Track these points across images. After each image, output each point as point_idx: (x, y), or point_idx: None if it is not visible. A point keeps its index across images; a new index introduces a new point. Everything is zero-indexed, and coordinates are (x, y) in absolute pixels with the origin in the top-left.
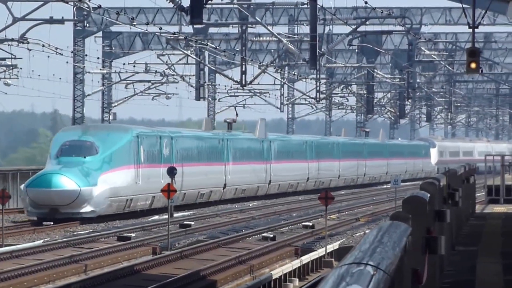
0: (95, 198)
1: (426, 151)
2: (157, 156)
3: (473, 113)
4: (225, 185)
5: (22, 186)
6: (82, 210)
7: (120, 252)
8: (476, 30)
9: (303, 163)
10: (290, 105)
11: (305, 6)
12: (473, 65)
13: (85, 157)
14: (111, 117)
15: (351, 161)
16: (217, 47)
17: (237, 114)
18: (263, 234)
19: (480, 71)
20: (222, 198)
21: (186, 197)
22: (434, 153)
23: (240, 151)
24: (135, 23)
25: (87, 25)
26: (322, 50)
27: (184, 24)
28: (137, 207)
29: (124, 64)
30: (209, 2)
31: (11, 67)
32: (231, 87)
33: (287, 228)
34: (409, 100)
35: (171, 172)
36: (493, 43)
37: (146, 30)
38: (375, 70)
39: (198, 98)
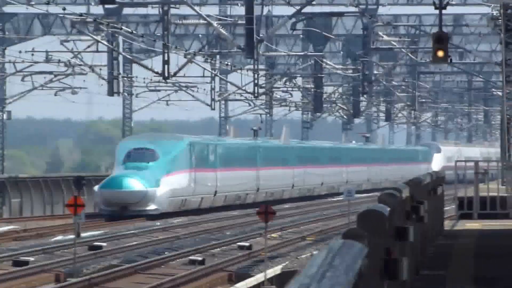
0: (159, 197)
1: (425, 156)
2: (205, 162)
3: (441, 110)
4: (258, 188)
5: (96, 187)
6: (148, 208)
7: (16, 279)
8: (443, 11)
9: (318, 168)
10: (223, 102)
11: None
12: (440, 54)
13: (148, 163)
14: (4, 116)
15: (358, 166)
16: (134, 32)
17: (262, 121)
18: (190, 257)
19: (448, 61)
20: (255, 200)
21: (227, 199)
22: (438, 158)
23: (270, 157)
24: (33, 3)
25: None
26: (261, 35)
27: (93, 3)
28: (190, 206)
29: (20, 52)
30: None
31: None
32: (151, 79)
33: (219, 249)
34: (365, 96)
35: (79, 183)
36: (464, 27)
37: (47, 11)
38: (324, 60)
39: (111, 93)
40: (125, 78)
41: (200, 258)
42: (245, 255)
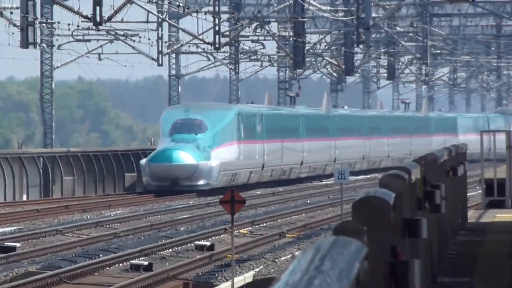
0: (210, 172)
1: (497, 125)
2: (252, 133)
3: (461, 65)
4: (302, 162)
5: (144, 161)
6: (199, 183)
7: None
8: None
9: (360, 140)
10: (173, 55)
11: None
12: None
13: (196, 134)
14: None
15: (400, 138)
16: None
17: (300, 87)
18: (133, 261)
19: None
20: (299, 175)
21: (273, 173)
22: None
23: (314, 128)
24: None
25: None
26: None
27: None
28: (239, 181)
29: None
30: None
31: None
32: (78, 26)
33: (171, 250)
34: (361, 46)
35: None
36: None
37: None
38: None
39: (25, 44)
40: (44, 25)
41: (146, 262)
42: (205, 258)
